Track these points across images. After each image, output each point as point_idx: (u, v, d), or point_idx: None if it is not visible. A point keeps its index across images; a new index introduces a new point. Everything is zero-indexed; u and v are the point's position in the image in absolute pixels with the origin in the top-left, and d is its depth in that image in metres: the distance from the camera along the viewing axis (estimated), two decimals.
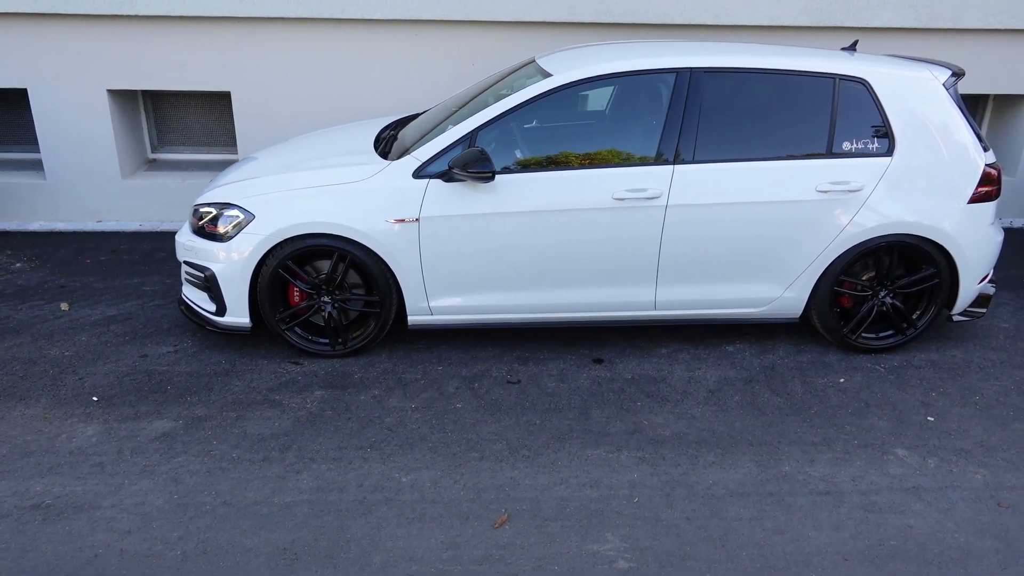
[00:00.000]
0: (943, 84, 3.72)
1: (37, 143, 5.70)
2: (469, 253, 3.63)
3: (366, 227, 3.55)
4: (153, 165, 6.02)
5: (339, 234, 3.57)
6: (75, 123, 5.51)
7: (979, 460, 3.07)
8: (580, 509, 2.77)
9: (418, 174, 3.58)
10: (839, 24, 5.29)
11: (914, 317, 3.88)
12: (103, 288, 4.58)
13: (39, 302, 4.40)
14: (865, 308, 3.85)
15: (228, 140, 6.01)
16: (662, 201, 3.58)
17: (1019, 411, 3.40)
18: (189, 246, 3.77)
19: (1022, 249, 5.24)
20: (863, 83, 3.67)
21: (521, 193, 3.57)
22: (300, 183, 3.67)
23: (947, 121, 3.68)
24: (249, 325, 3.75)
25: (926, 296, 3.87)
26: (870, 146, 3.67)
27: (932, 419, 3.38)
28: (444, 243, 3.60)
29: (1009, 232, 5.24)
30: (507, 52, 5.38)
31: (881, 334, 3.92)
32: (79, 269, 4.85)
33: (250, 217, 3.61)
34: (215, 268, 3.67)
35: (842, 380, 3.68)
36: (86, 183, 5.63)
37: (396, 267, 3.63)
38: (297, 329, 3.80)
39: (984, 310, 3.97)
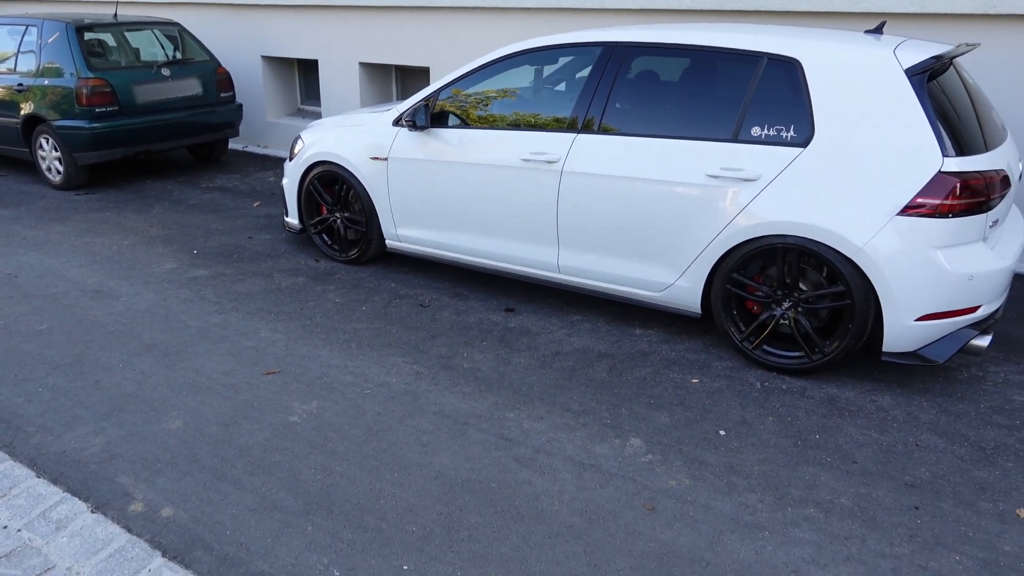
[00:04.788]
0: (908, 68, 3.08)
1: (319, 100, 7.93)
2: (418, 192, 4.33)
3: (356, 160, 4.53)
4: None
5: (341, 164, 4.62)
6: (339, 87, 7.54)
7: (699, 473, 2.71)
8: (324, 384, 3.39)
9: (395, 123, 4.41)
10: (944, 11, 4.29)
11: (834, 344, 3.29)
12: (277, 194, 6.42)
13: (254, 202, 6.42)
14: (764, 316, 3.41)
15: None
16: (559, 166, 3.77)
17: (833, 492, 2.79)
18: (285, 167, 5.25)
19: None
20: (793, 63, 3.27)
21: (454, 146, 4.13)
22: (336, 124, 4.81)
23: (897, 112, 3.06)
24: (299, 226, 5.07)
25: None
26: (783, 134, 3.26)
27: (723, 433, 2.99)
28: (403, 180, 4.37)
29: None
30: None
31: (787, 352, 3.42)
32: None
33: (303, 145, 4.89)
34: (284, 182, 5.07)
35: (695, 381, 3.39)
36: None
37: (374, 196, 4.54)
38: (324, 236, 4.98)
39: (937, 360, 3.13)
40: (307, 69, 8.35)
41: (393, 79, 7.69)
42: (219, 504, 2.61)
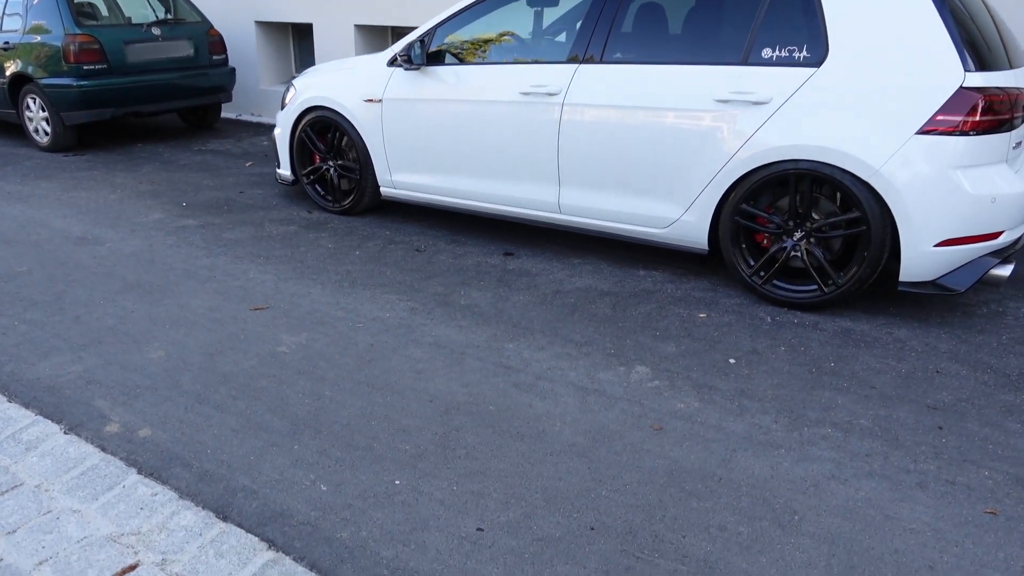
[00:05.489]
0: None
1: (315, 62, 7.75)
2: (414, 134, 4.17)
3: (350, 104, 4.37)
4: None
5: (334, 108, 4.46)
6: (334, 51, 7.37)
7: (708, 397, 2.57)
8: (314, 319, 3.23)
9: (390, 64, 4.25)
10: None
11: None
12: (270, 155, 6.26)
13: (246, 162, 6.26)
14: (773, 249, 3.27)
15: None
16: (560, 99, 3.62)
17: (825, 410, 2.65)
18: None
19: None
20: None
21: (450, 84, 3.98)
22: (330, 69, 4.66)
23: (916, 25, 2.91)
24: (291, 178, 4.91)
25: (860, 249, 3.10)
26: (796, 55, 3.11)
27: (732, 361, 2.84)
28: (397, 122, 4.22)
29: None
30: None
31: (797, 286, 3.27)
32: None
33: (295, 92, 4.73)
34: (275, 132, 4.91)
35: (703, 316, 3.25)
36: None
37: (368, 141, 4.38)
38: (317, 186, 4.83)
39: (957, 288, 2.99)
40: (302, 35, 8.19)
41: (389, 41, 7.52)
42: (200, 425, 2.46)
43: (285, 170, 4.91)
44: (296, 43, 8.24)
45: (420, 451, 2.31)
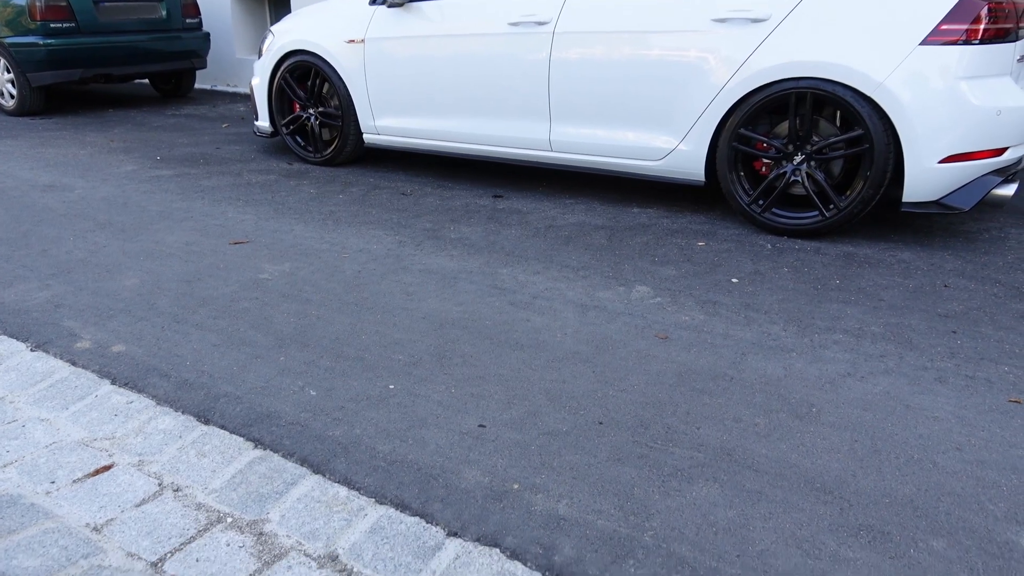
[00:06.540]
0: None
1: None
2: (398, 74, 4.03)
3: (331, 46, 4.22)
4: None
5: (314, 51, 4.30)
6: None
7: (713, 310, 2.46)
8: (298, 251, 3.09)
9: (372, 2, 4.10)
10: None
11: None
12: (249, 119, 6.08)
13: (222, 124, 6.06)
14: (772, 175, 3.17)
15: None
16: (550, 27, 3.50)
17: (835, 315, 2.56)
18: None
19: None
20: None
21: (435, 20, 3.84)
22: (309, 12, 4.49)
23: None
24: (270, 129, 4.74)
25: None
26: None
27: (735, 280, 2.74)
28: (381, 63, 4.07)
29: None
30: None
31: (797, 213, 3.18)
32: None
33: (272, 38, 4.56)
34: (252, 82, 4.73)
35: (701, 244, 3.15)
36: None
37: (350, 85, 4.23)
38: (298, 138, 4.66)
39: (962, 207, 2.91)
40: (278, 3, 7.99)
41: None
42: (178, 341, 2.31)
43: (263, 122, 4.74)
44: (273, 12, 8.04)
45: (414, 360, 2.18)
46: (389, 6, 3.98)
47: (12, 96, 6.22)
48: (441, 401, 1.96)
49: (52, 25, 5.90)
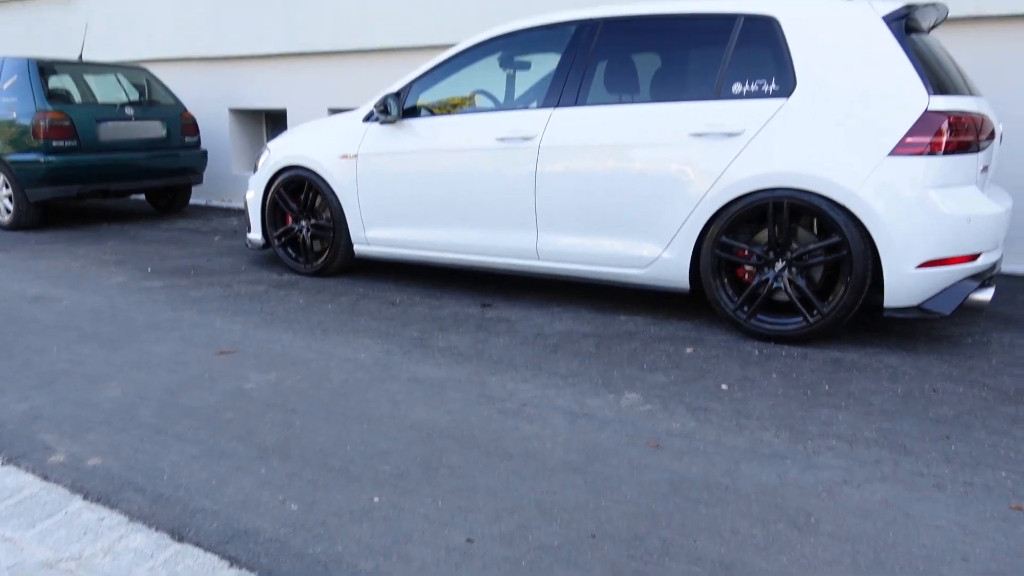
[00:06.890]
0: (885, 15, 3.07)
1: None
2: (390, 187, 4.15)
3: (325, 161, 4.36)
4: None
5: (308, 167, 4.44)
6: None
7: (704, 417, 2.43)
8: (285, 360, 3.06)
9: (365, 120, 4.28)
10: None
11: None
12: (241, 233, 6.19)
13: (215, 236, 6.17)
14: (755, 282, 3.23)
15: None
16: (535, 142, 3.64)
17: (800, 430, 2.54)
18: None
19: None
20: (770, 20, 3.25)
21: (427, 134, 4.00)
22: (304, 130, 4.67)
23: (879, 56, 3.02)
24: (262, 241, 4.81)
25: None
26: (765, 87, 3.20)
27: (725, 387, 2.73)
28: (373, 177, 4.20)
29: None
30: None
31: (783, 319, 3.21)
32: None
33: (268, 154, 4.72)
34: (247, 196, 4.85)
35: (689, 350, 3.15)
36: None
37: (342, 198, 4.34)
38: (289, 249, 4.73)
39: (942, 311, 2.96)
40: (275, 121, 8.32)
41: None
42: (157, 454, 2.24)
43: (256, 234, 4.82)
44: (269, 129, 8.36)
45: (401, 471, 2.12)
46: (382, 123, 4.15)
47: (8, 211, 6.33)
48: (427, 515, 1.89)
49: (54, 143, 6.08)
